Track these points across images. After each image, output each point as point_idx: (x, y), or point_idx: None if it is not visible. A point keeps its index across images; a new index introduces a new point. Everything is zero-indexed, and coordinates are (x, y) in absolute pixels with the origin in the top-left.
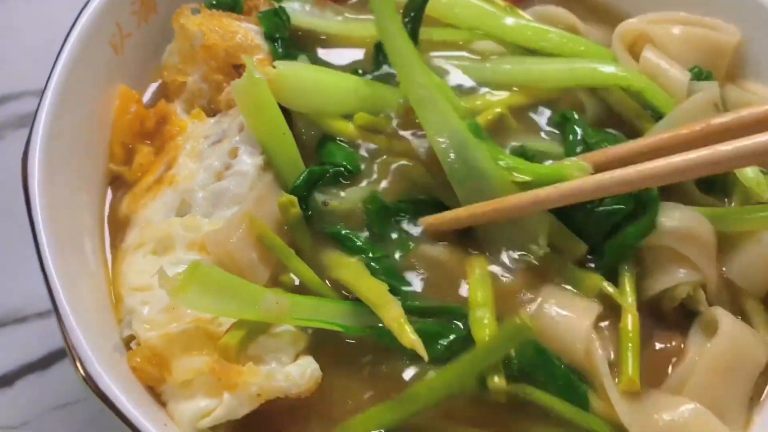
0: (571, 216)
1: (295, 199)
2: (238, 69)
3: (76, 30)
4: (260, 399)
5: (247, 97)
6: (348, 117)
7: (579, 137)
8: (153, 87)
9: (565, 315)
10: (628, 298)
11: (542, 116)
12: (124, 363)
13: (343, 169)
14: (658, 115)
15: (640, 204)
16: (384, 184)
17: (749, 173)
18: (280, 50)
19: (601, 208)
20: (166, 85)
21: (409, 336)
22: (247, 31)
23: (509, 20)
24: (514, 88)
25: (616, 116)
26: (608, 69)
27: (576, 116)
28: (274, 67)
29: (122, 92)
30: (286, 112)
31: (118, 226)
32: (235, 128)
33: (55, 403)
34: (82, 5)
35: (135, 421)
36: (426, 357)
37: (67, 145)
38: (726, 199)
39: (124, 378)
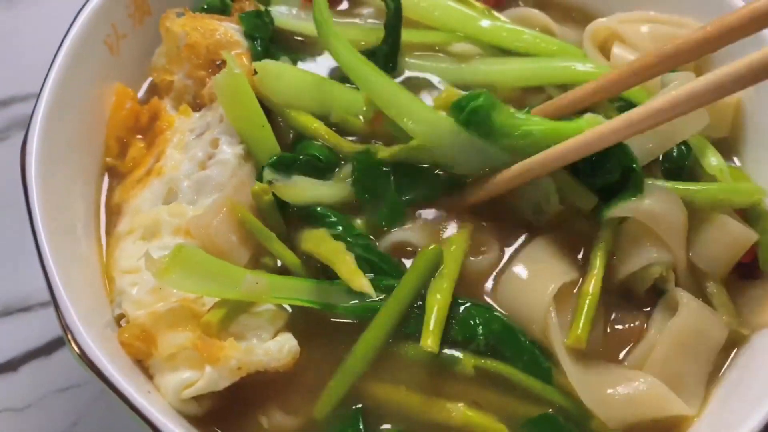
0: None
1: (267, 187)
2: (219, 65)
3: (73, 31)
4: (240, 372)
5: (227, 91)
6: (323, 118)
7: None
8: (147, 85)
9: (532, 281)
10: (596, 263)
11: None
12: (114, 339)
13: (315, 159)
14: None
15: (626, 176)
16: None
17: (713, 161)
18: (259, 48)
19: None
20: (157, 84)
21: (360, 280)
22: (226, 29)
23: (485, 22)
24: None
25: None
26: (580, 66)
27: None
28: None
29: (118, 90)
30: (266, 107)
31: (112, 215)
32: (216, 120)
33: (58, 387)
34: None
35: (122, 388)
36: (373, 293)
37: (64, 140)
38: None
39: (114, 352)
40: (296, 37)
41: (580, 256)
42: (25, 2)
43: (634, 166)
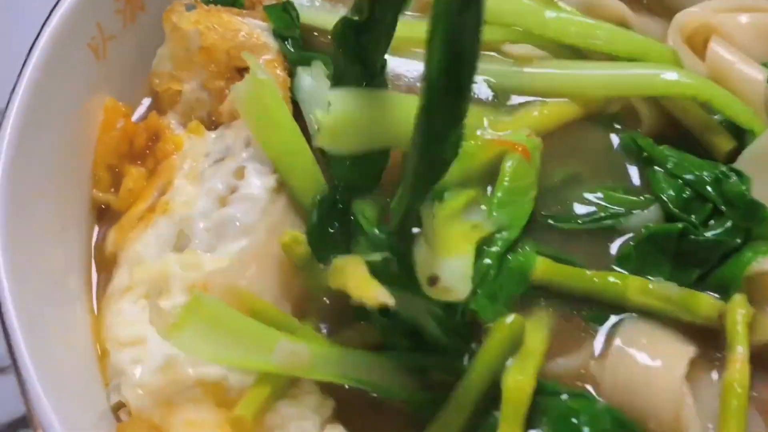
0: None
1: (300, 235)
2: (243, 73)
3: (47, 32)
4: None
5: (252, 104)
6: None
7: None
8: (143, 98)
9: (650, 360)
10: (740, 341)
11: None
12: None
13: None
14: (731, 126)
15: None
16: None
17: None
18: (292, 50)
19: (710, 234)
20: (158, 95)
21: (371, 292)
22: (252, 29)
23: (550, 14)
24: (558, 99)
25: (678, 127)
26: (670, 75)
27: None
28: (288, 72)
29: (107, 106)
30: (300, 118)
31: (105, 267)
32: (240, 143)
33: None
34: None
35: None
36: (392, 302)
37: (39, 170)
38: None
39: None
40: (318, 36)
41: None
42: None
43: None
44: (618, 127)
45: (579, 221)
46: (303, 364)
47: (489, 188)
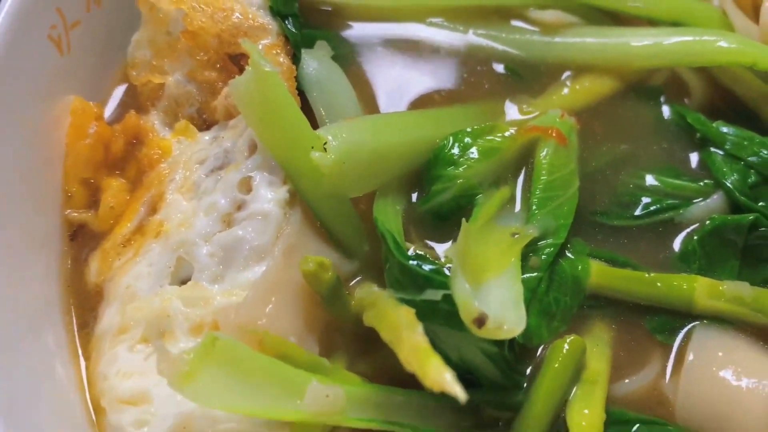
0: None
1: (326, 261)
2: (238, 61)
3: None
4: None
5: (255, 102)
6: None
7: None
8: (117, 93)
9: (734, 378)
10: None
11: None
12: None
13: None
14: None
15: None
16: None
17: None
18: (294, 30)
19: None
20: (136, 90)
21: (434, 373)
22: (246, 7)
23: None
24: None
25: (732, 99)
26: (723, 43)
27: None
28: (291, 57)
29: (74, 107)
30: (309, 114)
31: (88, 302)
32: (242, 148)
33: None
34: None
35: None
36: (463, 397)
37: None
38: None
39: None
40: (323, 8)
41: None
42: None
43: None
44: (663, 100)
45: (633, 215)
46: (339, 408)
47: (522, 182)
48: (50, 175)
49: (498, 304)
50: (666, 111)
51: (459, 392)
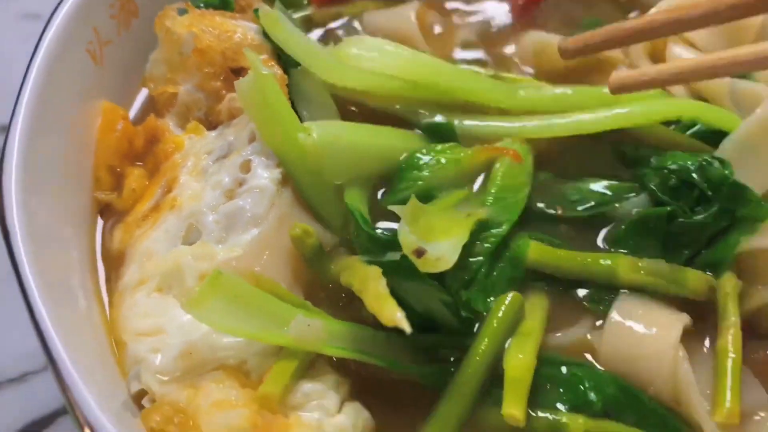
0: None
1: (311, 228)
2: (238, 74)
3: (47, 38)
4: None
5: (255, 99)
6: None
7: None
8: (139, 100)
9: (645, 329)
10: (731, 311)
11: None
12: (137, 425)
13: None
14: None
15: (736, 216)
16: None
17: None
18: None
19: (698, 217)
20: (154, 98)
21: (389, 311)
22: (246, 30)
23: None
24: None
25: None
26: (649, 104)
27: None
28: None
29: (105, 108)
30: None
31: (112, 264)
32: (243, 139)
33: None
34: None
35: None
36: (408, 329)
37: (45, 174)
38: None
39: None
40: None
41: None
42: None
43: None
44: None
45: (574, 210)
46: (318, 338)
47: (478, 188)
48: (84, 163)
49: (437, 245)
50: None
51: (406, 326)
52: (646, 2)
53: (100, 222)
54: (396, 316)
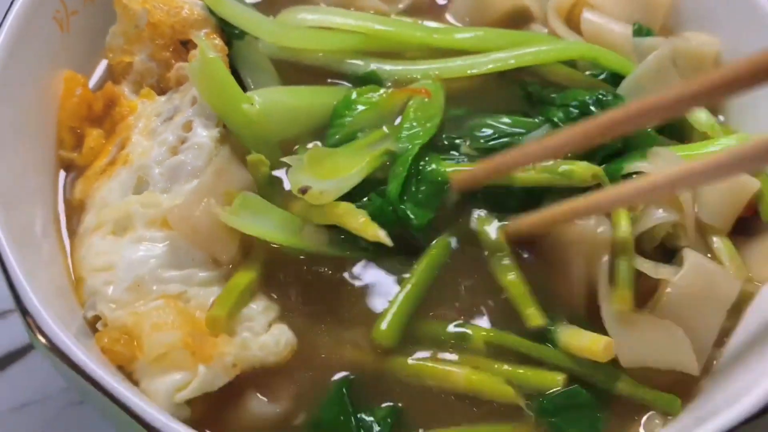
0: None
1: (263, 158)
2: (185, 45)
3: (16, 5)
4: (236, 370)
5: (205, 77)
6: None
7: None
8: (101, 68)
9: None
10: (622, 224)
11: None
12: (91, 345)
13: None
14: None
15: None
16: None
17: (702, 117)
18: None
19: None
20: (112, 66)
21: (374, 230)
22: (192, 6)
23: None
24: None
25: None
26: (554, 45)
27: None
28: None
29: (66, 77)
30: (240, 84)
31: (74, 212)
32: (187, 102)
33: (13, 405)
34: None
35: (114, 390)
36: (390, 243)
37: (12, 131)
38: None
39: (94, 358)
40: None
41: None
42: None
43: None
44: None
45: (482, 141)
46: (321, 241)
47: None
48: (49, 124)
49: (322, 182)
50: (515, 84)
51: (388, 241)
52: None
53: (62, 176)
54: (379, 234)
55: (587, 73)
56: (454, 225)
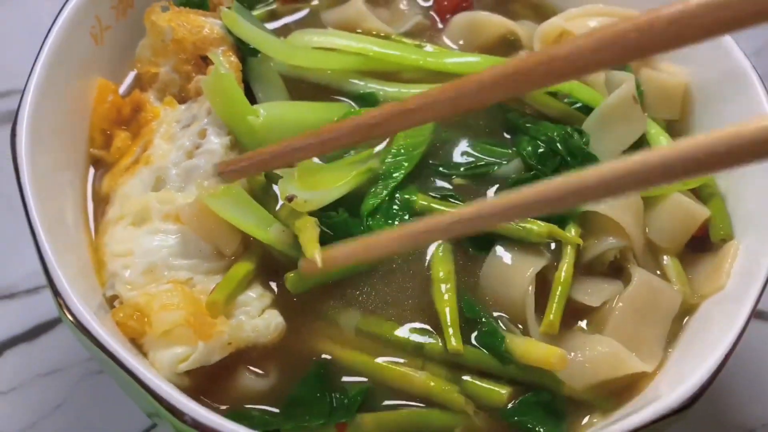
0: None
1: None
2: (205, 60)
3: (58, 22)
4: (230, 348)
5: (216, 90)
6: None
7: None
8: (130, 77)
9: (512, 263)
10: (567, 254)
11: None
12: (109, 319)
13: None
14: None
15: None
16: None
17: (662, 141)
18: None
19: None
20: (140, 76)
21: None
22: (212, 26)
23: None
24: None
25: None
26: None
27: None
28: (240, 58)
29: (100, 84)
30: (251, 97)
31: (100, 203)
32: (203, 112)
33: (41, 371)
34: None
35: (123, 359)
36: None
37: (51, 131)
38: None
39: (110, 331)
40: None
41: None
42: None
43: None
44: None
45: (461, 168)
46: (286, 242)
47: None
48: (82, 125)
49: (309, 193)
50: (499, 110)
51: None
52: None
53: (92, 172)
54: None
55: (565, 101)
56: None
